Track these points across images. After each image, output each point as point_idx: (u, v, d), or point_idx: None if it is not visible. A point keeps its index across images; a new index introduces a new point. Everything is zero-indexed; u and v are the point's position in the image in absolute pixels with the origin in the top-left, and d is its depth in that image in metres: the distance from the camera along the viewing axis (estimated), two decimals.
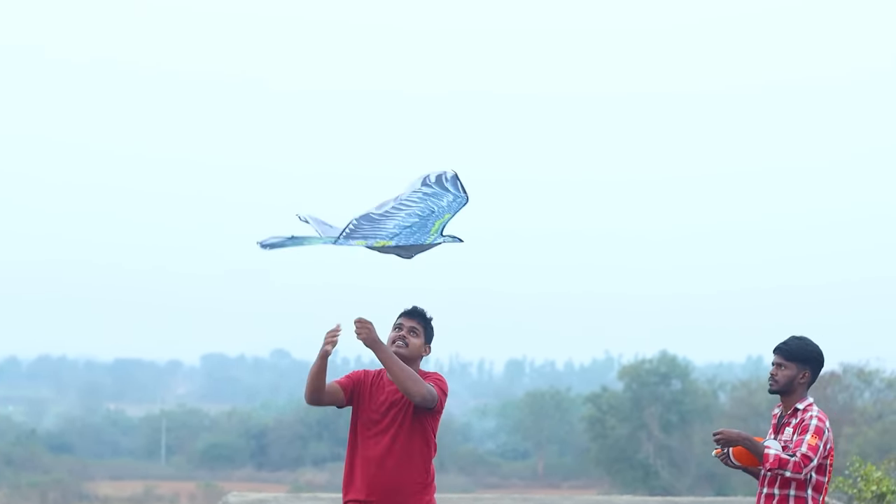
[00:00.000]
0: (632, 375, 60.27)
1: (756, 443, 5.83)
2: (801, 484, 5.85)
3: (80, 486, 66.25)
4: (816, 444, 5.76)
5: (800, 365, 5.98)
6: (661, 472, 55.32)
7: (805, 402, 5.96)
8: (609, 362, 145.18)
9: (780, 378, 6.01)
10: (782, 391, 6.01)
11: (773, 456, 5.75)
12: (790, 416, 5.98)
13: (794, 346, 5.99)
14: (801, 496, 5.86)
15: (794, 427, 5.90)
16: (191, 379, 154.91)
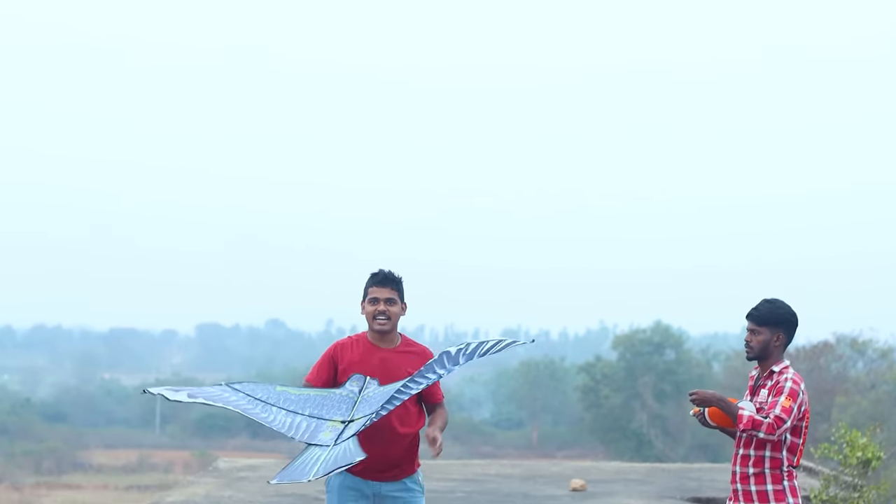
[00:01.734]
0: (626, 345, 60.33)
1: (730, 403, 5.80)
2: (776, 445, 5.82)
3: (74, 454, 66.37)
4: (790, 406, 5.73)
5: (772, 328, 5.94)
6: (655, 442, 55.45)
7: (781, 365, 5.93)
8: (603, 332, 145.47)
9: (754, 344, 5.97)
10: (759, 357, 5.98)
11: (747, 417, 5.72)
12: (766, 378, 5.94)
13: (764, 310, 5.96)
14: (777, 457, 5.83)
15: (770, 389, 5.87)
16: (185, 348, 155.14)
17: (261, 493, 12.21)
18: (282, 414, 5.73)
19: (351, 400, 5.81)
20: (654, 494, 12.66)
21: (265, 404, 5.75)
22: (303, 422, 5.71)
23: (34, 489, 54.87)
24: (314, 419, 5.75)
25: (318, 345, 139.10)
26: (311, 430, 5.69)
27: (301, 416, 5.74)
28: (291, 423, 5.69)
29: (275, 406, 5.77)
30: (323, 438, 5.64)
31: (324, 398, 5.82)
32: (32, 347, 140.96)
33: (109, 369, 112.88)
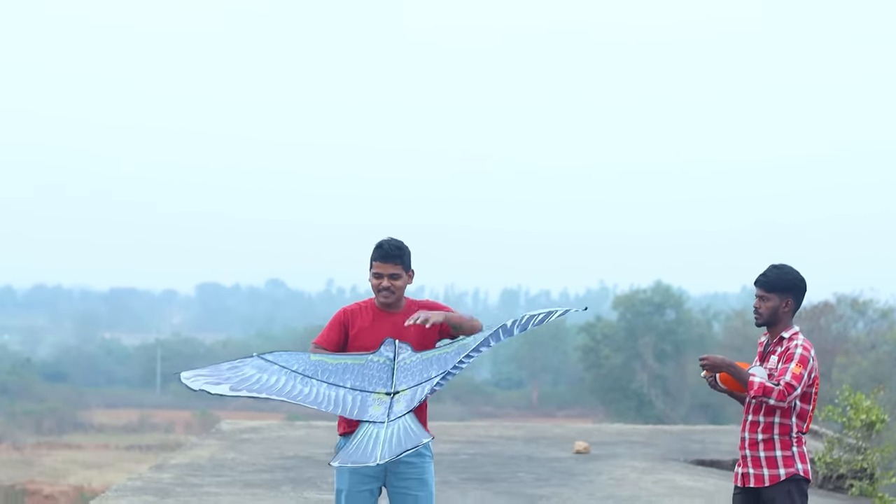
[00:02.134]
0: (626, 305, 60.35)
1: (740, 370, 5.76)
2: (785, 412, 5.78)
3: (75, 414, 66.57)
4: (801, 373, 5.69)
5: (781, 294, 5.89)
6: (655, 402, 55.58)
7: (791, 331, 5.88)
8: (604, 292, 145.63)
9: (763, 311, 5.92)
10: (768, 323, 5.93)
11: (758, 383, 5.68)
12: (776, 344, 5.90)
13: (772, 276, 5.90)
14: (786, 423, 5.79)
15: (780, 355, 5.83)
16: (186, 308, 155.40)
17: (264, 455, 12.20)
18: (324, 388, 5.67)
19: (388, 367, 5.75)
20: (658, 457, 12.66)
21: (304, 378, 5.70)
22: (347, 395, 5.66)
23: (35, 449, 55.04)
24: (357, 392, 5.68)
25: (318, 305, 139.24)
26: (359, 405, 5.64)
27: (344, 390, 5.68)
28: (336, 399, 5.64)
29: (314, 379, 5.70)
30: (373, 413, 5.60)
31: (362, 367, 5.74)
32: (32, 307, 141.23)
33: (110, 329, 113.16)
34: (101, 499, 9.52)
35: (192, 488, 10.07)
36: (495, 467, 11.59)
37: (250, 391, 5.57)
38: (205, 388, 5.62)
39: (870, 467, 11.64)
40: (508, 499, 9.95)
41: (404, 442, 5.41)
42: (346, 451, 5.49)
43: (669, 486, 10.75)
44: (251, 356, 5.78)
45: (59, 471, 49.32)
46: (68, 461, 51.82)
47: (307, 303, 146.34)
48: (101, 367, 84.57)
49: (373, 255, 6.01)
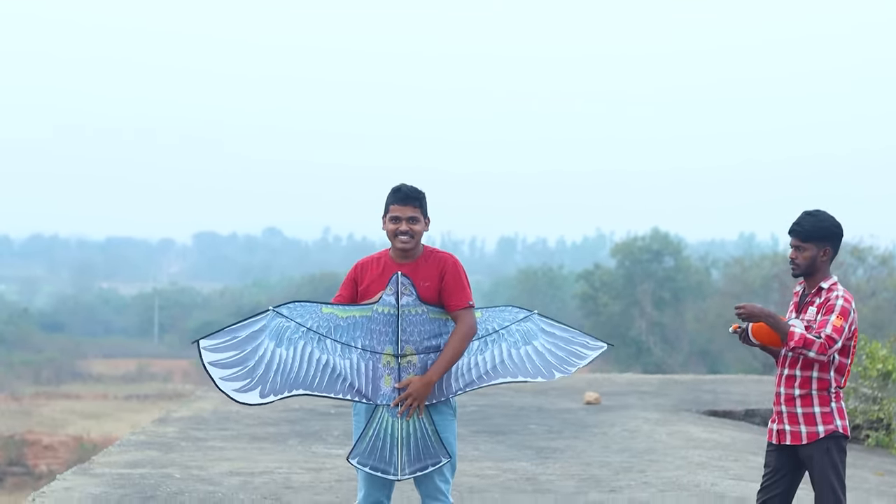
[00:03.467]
0: (624, 253, 60.04)
1: (780, 320, 5.46)
2: (824, 366, 5.49)
3: (73, 364, 66.42)
4: (841, 326, 5.40)
5: (818, 243, 5.58)
6: (654, 349, 55.45)
7: (830, 281, 5.58)
8: (600, 239, 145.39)
9: (800, 261, 5.61)
10: (805, 273, 5.62)
11: (799, 335, 5.38)
12: (814, 295, 5.59)
13: (808, 225, 5.59)
14: (824, 378, 5.51)
15: (819, 307, 5.53)
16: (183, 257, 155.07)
17: (269, 407, 11.97)
18: (337, 355, 5.57)
19: (392, 318, 5.56)
20: (670, 407, 12.45)
21: (320, 339, 5.57)
22: (360, 361, 5.58)
23: (33, 399, 54.92)
24: (368, 353, 5.57)
25: (315, 253, 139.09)
26: (372, 377, 5.57)
27: (357, 353, 5.58)
28: (351, 370, 5.56)
29: (329, 339, 5.58)
30: (385, 390, 5.55)
31: (369, 321, 5.59)
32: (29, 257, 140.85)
33: (107, 278, 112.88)
34: (104, 453, 9.29)
35: (197, 442, 9.85)
36: (506, 419, 11.37)
37: (277, 393, 5.51)
38: (233, 397, 5.50)
39: (886, 417, 11.44)
40: (521, 452, 9.73)
41: (423, 456, 5.55)
42: (363, 449, 5.55)
43: (684, 437, 10.53)
44: (267, 311, 5.61)
45: (58, 421, 49.22)
46: (67, 411, 51.69)
47: (304, 251, 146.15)
48: (99, 316, 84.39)
49: (389, 199, 5.70)
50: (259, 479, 8.37)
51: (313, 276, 71.48)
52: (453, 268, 5.68)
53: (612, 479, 8.54)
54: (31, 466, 39.98)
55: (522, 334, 5.86)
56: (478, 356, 5.74)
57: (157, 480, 8.23)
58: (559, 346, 5.89)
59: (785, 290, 46.20)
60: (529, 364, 5.81)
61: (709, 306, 52.21)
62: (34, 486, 38.04)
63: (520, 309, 5.92)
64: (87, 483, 8.08)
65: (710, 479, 8.58)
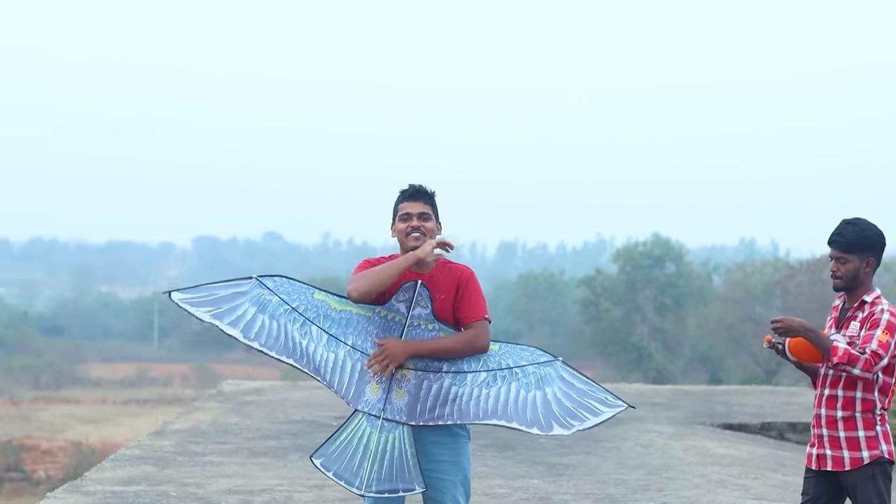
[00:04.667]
0: (626, 258, 59.68)
1: (821, 335, 5.07)
2: (867, 385, 5.10)
3: (72, 368, 66.08)
4: (888, 341, 5.01)
5: (861, 254, 5.19)
6: (655, 355, 55.07)
7: (873, 295, 5.20)
8: (601, 245, 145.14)
9: (842, 273, 5.21)
10: (848, 287, 5.23)
11: (843, 350, 4.99)
12: (856, 309, 5.20)
13: (849, 235, 5.19)
14: (869, 399, 5.11)
15: (862, 321, 5.14)
16: (183, 261, 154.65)
17: (269, 419, 11.60)
18: (322, 346, 5.16)
19: (397, 325, 5.16)
20: (684, 420, 12.06)
21: (305, 322, 5.18)
22: (347, 359, 5.16)
23: (32, 403, 54.57)
24: (358, 353, 5.15)
25: (315, 258, 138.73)
26: (357, 379, 5.14)
27: (345, 350, 5.16)
28: (335, 365, 5.15)
29: (314, 325, 5.18)
30: (370, 398, 5.12)
31: (367, 320, 5.19)
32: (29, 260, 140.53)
33: (107, 282, 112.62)
34: (97, 469, 8.90)
35: (194, 457, 9.46)
36: (514, 433, 10.92)
37: (262, 344, 5.15)
38: (215, 323, 5.16)
39: None
40: (532, 468, 9.34)
41: (396, 478, 5.07)
42: (330, 453, 5.11)
43: (700, 453, 10.15)
44: (250, 278, 5.24)
45: (57, 425, 48.88)
46: (66, 416, 51.34)
47: (304, 255, 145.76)
48: (99, 320, 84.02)
49: (398, 200, 5.31)
50: (259, 499, 7.98)
51: (314, 281, 70.92)
52: (471, 280, 5.27)
53: (630, 499, 8.16)
54: (29, 472, 39.62)
55: (538, 378, 5.20)
56: (483, 389, 5.17)
57: (151, 499, 7.84)
58: (571, 398, 5.18)
59: (787, 295, 45.88)
60: (531, 412, 5.16)
61: (710, 312, 51.87)
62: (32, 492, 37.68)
63: (543, 352, 5.30)
64: (79, 501, 7.69)
65: (731, 499, 8.20)
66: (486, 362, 5.20)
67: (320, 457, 5.12)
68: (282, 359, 5.14)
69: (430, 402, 5.12)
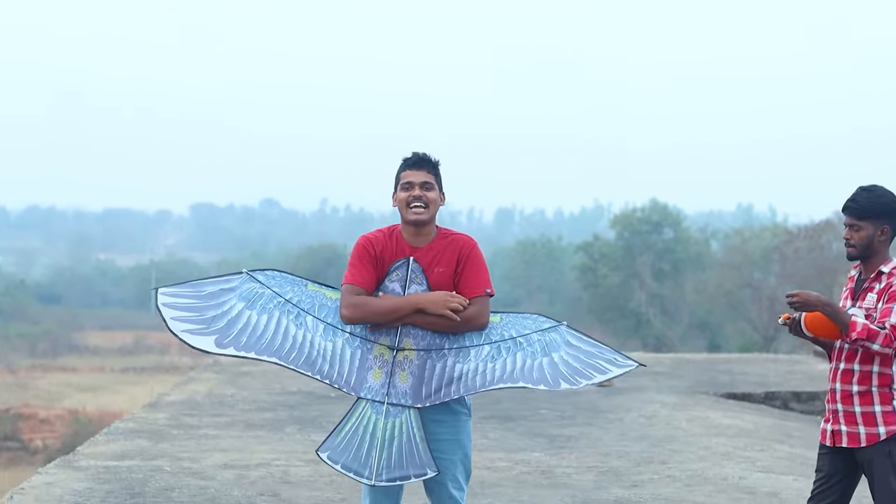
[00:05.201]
0: (623, 224, 59.46)
1: (839, 309, 4.86)
2: (885, 360, 4.91)
3: (69, 336, 65.96)
4: None
5: (875, 221, 4.97)
6: (653, 321, 54.97)
7: (891, 264, 4.98)
8: (598, 211, 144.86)
9: (856, 241, 4.99)
10: (862, 256, 5.02)
11: (861, 325, 4.79)
12: (873, 280, 4.99)
13: (864, 201, 4.97)
14: (886, 373, 4.92)
15: (879, 293, 4.92)
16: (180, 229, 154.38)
17: (265, 391, 11.44)
18: (319, 335, 4.96)
19: None
20: (686, 389, 11.90)
21: (300, 313, 4.98)
22: (346, 347, 4.95)
23: (29, 372, 54.47)
24: (357, 340, 4.96)
25: (312, 224, 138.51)
26: (357, 366, 4.93)
27: (343, 337, 4.96)
28: (333, 353, 4.94)
29: (310, 315, 4.99)
30: (373, 384, 4.91)
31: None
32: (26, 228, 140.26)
33: (104, 250, 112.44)
34: (90, 443, 8.73)
35: (189, 430, 9.29)
36: (515, 404, 10.79)
37: (239, 348, 4.91)
38: (185, 340, 4.92)
39: None
40: (533, 440, 9.17)
41: (406, 464, 4.87)
42: (336, 444, 4.91)
43: (704, 423, 9.98)
44: (240, 273, 5.06)
45: (54, 394, 48.77)
46: (63, 384, 51.22)
47: (301, 222, 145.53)
48: (96, 288, 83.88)
49: (400, 168, 5.07)
50: (255, 473, 7.81)
51: (311, 248, 70.88)
52: (473, 252, 5.05)
53: (634, 472, 7.99)
54: (26, 441, 39.50)
55: (543, 345, 5.04)
56: (488, 363, 4.97)
57: (145, 474, 7.67)
58: (579, 359, 5.03)
59: (786, 261, 45.70)
60: (537, 372, 4.99)
61: (709, 278, 51.74)
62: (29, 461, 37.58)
63: (546, 318, 5.14)
64: (71, 477, 7.52)
65: (738, 472, 8.03)
66: (489, 335, 5.02)
67: (326, 450, 4.93)
68: (262, 359, 4.92)
69: (435, 382, 4.93)
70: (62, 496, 7.01)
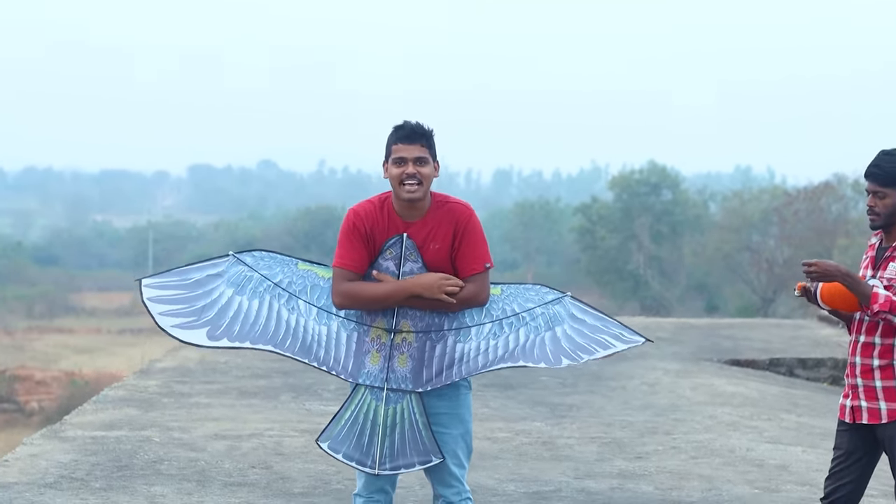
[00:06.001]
0: (622, 186, 59.22)
1: (859, 280, 4.59)
2: None
3: (66, 298, 65.86)
4: None
5: None
6: (652, 283, 54.90)
7: None
8: (596, 172, 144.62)
9: (880, 209, 4.70)
10: (885, 224, 4.73)
11: (884, 297, 4.52)
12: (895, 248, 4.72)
13: (888, 166, 4.68)
14: None
15: None
16: (177, 190, 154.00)
17: (259, 357, 11.15)
18: (312, 319, 4.72)
19: None
20: (689, 356, 11.66)
21: (291, 298, 4.74)
22: (341, 330, 4.72)
23: (26, 333, 54.40)
24: (353, 323, 4.71)
25: (310, 186, 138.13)
26: (355, 351, 4.70)
27: (337, 321, 4.72)
28: (329, 338, 4.70)
29: (301, 300, 4.74)
30: (371, 369, 4.67)
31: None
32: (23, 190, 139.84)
33: (101, 211, 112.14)
34: (78, 412, 8.49)
35: (180, 398, 9.04)
36: (515, 371, 10.46)
37: (232, 338, 4.68)
38: (176, 336, 4.70)
39: None
40: (534, 409, 8.93)
41: (410, 452, 4.66)
42: (336, 433, 4.68)
43: (709, 391, 9.74)
44: (226, 256, 4.80)
45: (51, 355, 48.72)
46: (60, 345, 51.16)
47: (299, 183, 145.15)
48: (93, 249, 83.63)
49: (391, 139, 4.74)
50: (247, 444, 7.57)
51: (309, 209, 70.63)
52: (470, 224, 4.74)
53: (638, 443, 7.75)
54: (22, 403, 39.38)
55: (547, 319, 4.76)
56: (489, 341, 4.71)
57: (133, 445, 7.43)
58: (583, 334, 4.75)
59: (785, 223, 45.50)
60: (538, 349, 4.72)
61: (707, 240, 51.59)
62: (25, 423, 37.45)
63: (550, 289, 4.82)
64: (56, 449, 7.28)
65: (745, 443, 7.79)
66: (490, 311, 4.75)
67: (326, 439, 4.70)
68: (257, 347, 4.69)
69: (436, 364, 4.68)
70: (47, 469, 6.78)
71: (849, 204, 46.73)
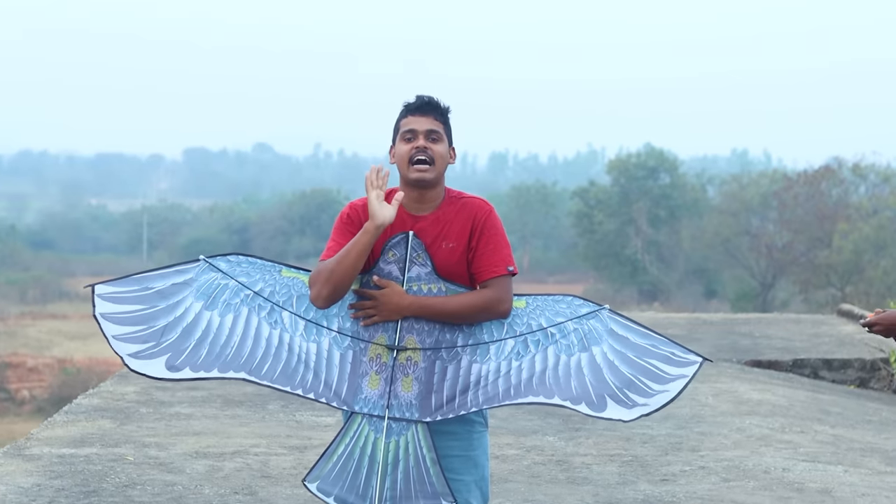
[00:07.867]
0: (619, 170, 58.68)
1: None
2: None
3: (60, 283, 65.25)
4: None
5: None
6: (649, 268, 54.51)
7: None
8: (592, 156, 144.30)
9: None
10: None
11: None
12: None
13: None
14: None
15: None
16: (173, 173, 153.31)
17: None
18: (299, 335, 3.97)
19: None
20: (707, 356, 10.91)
21: (273, 309, 3.98)
22: (333, 349, 3.95)
23: (19, 319, 53.82)
24: (347, 339, 3.96)
25: (306, 169, 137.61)
26: (349, 373, 3.93)
27: (328, 337, 3.97)
28: (318, 359, 3.94)
29: (285, 310, 3.99)
30: (369, 394, 3.93)
31: (353, 296, 3.98)
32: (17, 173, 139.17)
33: (96, 195, 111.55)
34: (47, 425, 7.76)
35: (160, 408, 8.32)
36: None
37: (196, 367, 3.91)
38: (132, 367, 3.96)
39: None
40: (545, 421, 8.20)
41: (415, 493, 3.92)
42: (328, 473, 3.93)
43: (733, 399, 9.01)
44: (196, 261, 4.03)
45: (44, 342, 48.10)
46: (53, 332, 50.51)
47: (294, 167, 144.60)
48: (88, 234, 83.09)
49: (401, 114, 4.03)
50: (230, 464, 6.84)
51: (304, 193, 70.05)
52: (490, 221, 4.03)
53: (662, 462, 7.03)
54: (13, 392, 38.72)
55: (581, 336, 4.00)
56: (512, 361, 3.96)
57: (104, 466, 6.70)
58: (627, 360, 3.98)
59: (784, 208, 44.88)
60: (577, 381, 3.95)
61: (705, 224, 51.16)
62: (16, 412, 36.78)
63: (584, 301, 4.06)
64: (18, 470, 6.55)
65: (780, 462, 7.07)
66: (512, 326, 4.00)
67: (315, 479, 3.96)
68: (226, 376, 3.94)
69: (448, 389, 3.94)
70: (5, 495, 6.05)
71: (849, 188, 46.23)
